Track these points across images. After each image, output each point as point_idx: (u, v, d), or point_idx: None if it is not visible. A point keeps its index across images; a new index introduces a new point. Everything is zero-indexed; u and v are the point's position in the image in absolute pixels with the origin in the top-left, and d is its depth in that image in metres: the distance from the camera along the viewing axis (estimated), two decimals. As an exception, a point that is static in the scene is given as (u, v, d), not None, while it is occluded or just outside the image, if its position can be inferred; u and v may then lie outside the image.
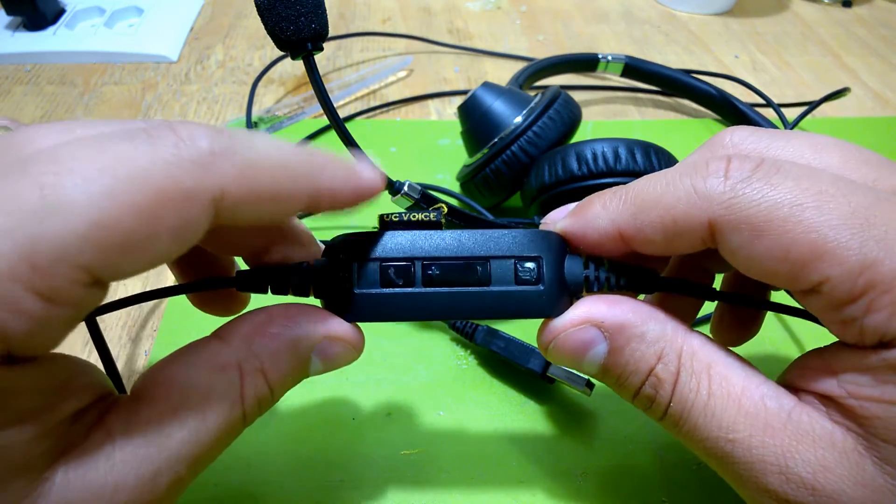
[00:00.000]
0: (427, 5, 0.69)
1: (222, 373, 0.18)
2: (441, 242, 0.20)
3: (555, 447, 0.29)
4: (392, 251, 0.20)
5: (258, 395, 0.19)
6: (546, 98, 0.37)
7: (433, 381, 0.32)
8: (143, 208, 0.14)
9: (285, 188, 0.17)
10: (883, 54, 0.63)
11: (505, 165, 0.36)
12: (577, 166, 0.33)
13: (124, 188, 0.14)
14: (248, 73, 0.57)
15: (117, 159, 0.14)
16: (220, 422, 0.18)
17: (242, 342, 0.19)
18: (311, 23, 0.21)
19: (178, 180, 0.14)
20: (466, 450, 0.29)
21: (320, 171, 0.18)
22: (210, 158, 0.15)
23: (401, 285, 0.20)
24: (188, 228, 0.15)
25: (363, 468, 0.28)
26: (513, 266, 0.20)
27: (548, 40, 0.64)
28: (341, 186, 0.18)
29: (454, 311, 0.20)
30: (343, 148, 0.25)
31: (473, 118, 0.39)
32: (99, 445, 0.16)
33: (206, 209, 0.15)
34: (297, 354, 0.19)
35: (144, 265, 0.15)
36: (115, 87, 0.54)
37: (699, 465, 0.28)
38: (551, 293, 0.20)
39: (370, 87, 0.55)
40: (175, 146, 0.15)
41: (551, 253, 0.20)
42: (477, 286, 0.20)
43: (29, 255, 0.13)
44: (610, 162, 0.32)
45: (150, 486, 0.16)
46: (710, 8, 0.69)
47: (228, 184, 0.15)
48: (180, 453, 0.17)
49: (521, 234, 0.20)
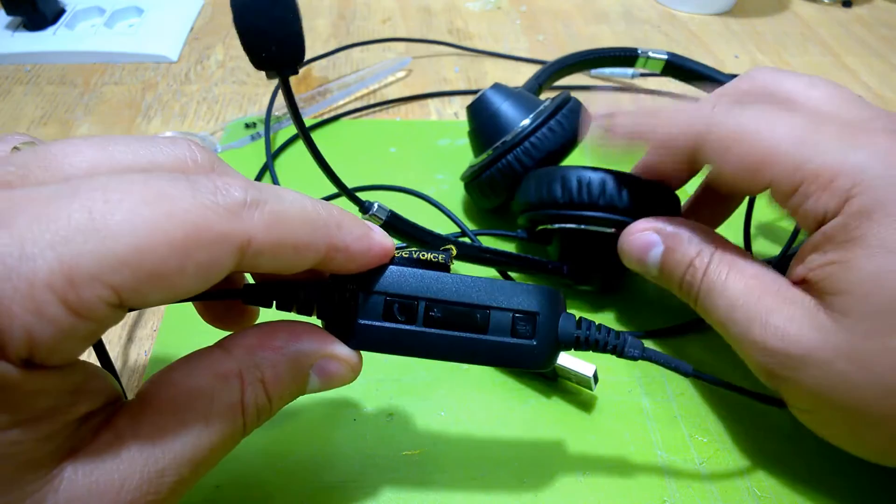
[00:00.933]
0: (427, 5, 0.69)
1: (225, 381, 0.19)
2: (446, 285, 0.21)
3: (556, 447, 0.29)
4: (398, 287, 0.21)
5: (258, 405, 0.20)
6: (552, 106, 0.36)
7: (434, 382, 0.32)
8: (177, 242, 0.15)
9: (305, 241, 0.18)
10: (883, 54, 0.63)
11: (500, 173, 0.36)
12: (561, 193, 0.32)
13: (165, 222, 0.15)
14: (247, 74, 0.57)
15: (161, 196, 0.15)
16: (222, 428, 0.19)
17: (245, 353, 0.20)
18: (284, 48, 0.21)
19: (211, 223, 0.16)
20: (468, 450, 0.29)
21: (338, 227, 0.19)
22: (242, 208, 0.17)
23: (402, 321, 0.21)
24: (213, 268, 0.16)
25: (364, 469, 0.28)
26: (511, 318, 0.21)
27: (548, 40, 0.64)
28: (355, 245, 0.20)
29: (449, 354, 0.21)
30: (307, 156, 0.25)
31: (480, 119, 0.38)
32: (107, 445, 0.17)
33: (233, 253, 0.16)
34: (297, 369, 0.20)
35: (167, 297, 0.16)
36: (115, 87, 0.54)
37: (701, 465, 0.28)
38: (542, 348, 0.22)
39: (370, 87, 0.55)
40: (213, 193, 0.16)
41: (548, 310, 0.22)
42: (474, 332, 0.21)
43: (69, 270, 0.14)
44: (594, 195, 0.31)
45: (155, 486, 0.17)
46: (710, 8, 0.69)
47: (256, 233, 0.17)
48: (184, 456, 0.18)
49: (524, 288, 0.22)
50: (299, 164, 0.46)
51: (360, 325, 0.21)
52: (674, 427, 0.30)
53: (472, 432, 0.30)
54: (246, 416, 0.19)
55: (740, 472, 0.28)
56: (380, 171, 0.45)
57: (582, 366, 0.29)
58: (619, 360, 0.24)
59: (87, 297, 0.14)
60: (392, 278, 0.21)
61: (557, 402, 0.31)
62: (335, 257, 0.19)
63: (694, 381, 0.32)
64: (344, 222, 0.20)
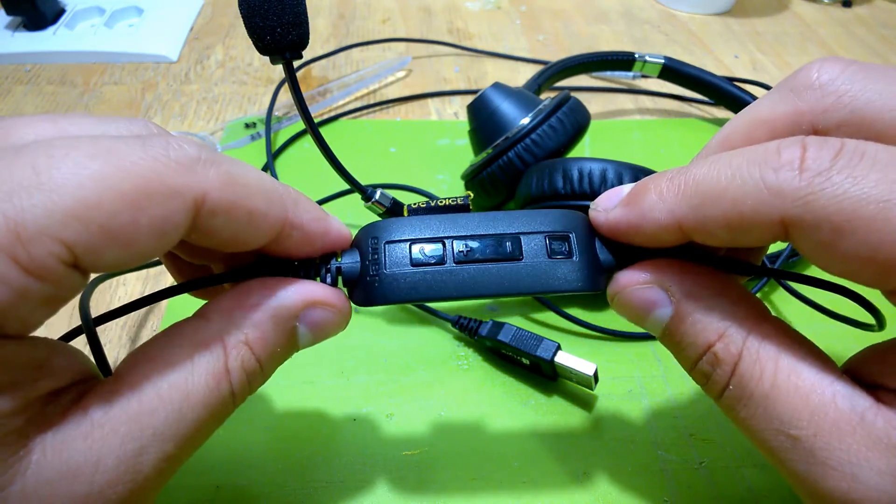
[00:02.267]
0: (427, 5, 0.69)
1: (204, 348, 0.18)
2: (470, 222, 0.20)
3: (557, 447, 0.29)
4: (422, 231, 0.20)
5: (245, 368, 0.18)
6: (552, 104, 0.37)
7: (434, 382, 0.32)
8: (127, 195, 0.15)
9: (262, 208, 0.18)
10: (883, 54, 0.63)
11: (500, 170, 0.36)
12: (562, 184, 0.33)
13: (113, 174, 0.15)
14: (247, 73, 0.57)
15: (108, 150, 0.15)
16: (207, 397, 0.18)
17: (223, 317, 0.19)
18: (289, 34, 0.21)
19: (163, 176, 0.15)
20: (468, 450, 0.29)
21: (295, 204, 0.19)
22: (196, 163, 0.16)
23: (432, 264, 0.20)
24: (168, 224, 0.16)
25: (364, 469, 0.28)
26: (544, 240, 0.20)
27: (548, 40, 0.64)
28: (311, 225, 0.19)
29: (488, 287, 0.20)
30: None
31: (480, 118, 0.39)
32: (76, 425, 0.16)
33: (187, 209, 0.16)
34: (280, 323, 0.19)
35: (125, 257, 0.15)
36: (115, 87, 0.54)
37: (701, 465, 0.28)
38: (586, 265, 0.20)
39: (369, 87, 0.55)
40: (164, 148, 0.16)
41: (580, 231, 0.20)
42: (510, 261, 0.20)
43: (15, 227, 0.14)
44: (595, 184, 0.32)
45: (133, 465, 0.16)
46: (710, 8, 0.69)
47: (210, 189, 0.16)
48: (166, 431, 0.17)
49: (549, 212, 0.20)
50: (300, 164, 0.46)
51: (387, 275, 0.20)
52: (674, 427, 0.30)
53: (472, 432, 0.30)
54: (233, 381, 0.18)
55: (740, 471, 0.28)
56: (380, 171, 0.45)
57: (582, 365, 0.29)
58: (618, 359, 0.24)
59: (37, 253, 0.14)
60: (414, 225, 0.20)
61: (557, 401, 0.31)
62: (290, 234, 0.19)
63: (694, 381, 0.32)
64: (301, 201, 0.19)
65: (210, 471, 0.28)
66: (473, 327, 0.32)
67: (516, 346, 0.30)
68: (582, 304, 0.36)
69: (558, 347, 0.30)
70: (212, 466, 0.28)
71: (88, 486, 0.15)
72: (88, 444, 0.16)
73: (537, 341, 0.30)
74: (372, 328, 0.34)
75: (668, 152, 0.48)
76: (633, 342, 0.33)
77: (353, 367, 0.32)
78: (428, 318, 0.35)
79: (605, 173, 0.31)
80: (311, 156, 0.46)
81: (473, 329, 0.32)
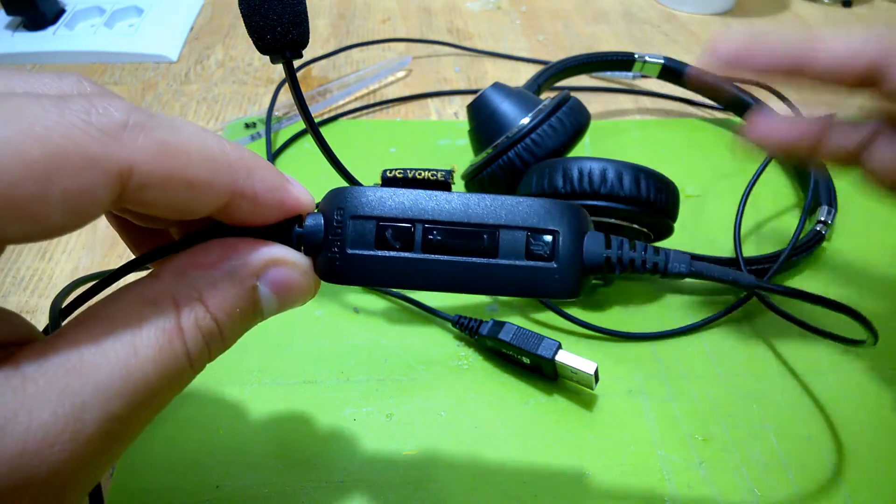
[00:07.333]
0: (427, 5, 0.69)
1: (154, 305, 0.16)
2: (447, 205, 0.19)
3: (556, 447, 0.29)
4: (392, 210, 0.19)
5: (201, 327, 0.17)
6: (552, 104, 0.37)
7: (434, 382, 0.32)
8: (36, 164, 0.13)
9: (204, 179, 0.16)
10: (883, 54, 0.63)
11: (500, 170, 0.36)
12: (562, 184, 0.33)
13: (19, 140, 0.13)
14: (247, 73, 0.57)
15: (17, 113, 0.14)
16: (157, 355, 0.16)
17: (175, 276, 0.17)
18: (289, 33, 0.21)
19: (80, 145, 0.14)
20: (468, 450, 0.29)
21: (247, 172, 0.17)
22: (122, 130, 0.15)
23: (398, 248, 0.19)
24: (84, 198, 0.14)
25: (364, 469, 0.28)
26: (524, 238, 0.19)
27: (548, 40, 0.64)
28: (266, 195, 0.18)
29: (452, 283, 0.19)
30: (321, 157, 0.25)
31: (480, 117, 0.39)
32: (4, 377, 0.15)
33: (109, 181, 0.14)
34: (238, 282, 0.18)
35: (34, 230, 0.14)
36: (115, 87, 0.54)
37: (700, 464, 0.28)
38: (564, 272, 0.18)
39: (369, 87, 0.55)
40: (85, 112, 0.14)
41: (571, 227, 0.19)
42: (482, 257, 0.19)
43: None
44: (595, 184, 0.32)
45: (73, 422, 0.15)
46: (710, 8, 0.69)
47: (139, 160, 0.15)
48: (110, 388, 0.15)
49: (539, 203, 0.19)
50: (300, 164, 0.46)
51: (349, 255, 0.18)
52: (674, 427, 0.30)
53: (472, 432, 0.30)
54: (188, 341, 0.17)
55: (740, 472, 0.28)
56: (380, 171, 0.45)
57: (583, 364, 0.29)
58: (618, 359, 0.24)
59: None
60: (384, 200, 0.19)
61: (558, 401, 0.31)
62: (240, 205, 0.17)
63: (694, 381, 0.32)
64: (256, 168, 0.17)
65: (210, 471, 0.28)
66: (474, 327, 0.32)
67: (517, 344, 0.30)
68: (582, 304, 0.36)
69: (559, 346, 0.30)
70: (212, 466, 0.28)
71: (21, 443, 0.14)
72: (19, 401, 0.14)
73: (538, 340, 0.30)
74: (372, 328, 0.34)
75: (669, 152, 0.48)
76: (634, 342, 0.33)
77: (353, 367, 0.32)
78: (428, 318, 0.35)
79: (605, 173, 0.32)
80: (312, 156, 0.46)
81: (474, 328, 0.32)
